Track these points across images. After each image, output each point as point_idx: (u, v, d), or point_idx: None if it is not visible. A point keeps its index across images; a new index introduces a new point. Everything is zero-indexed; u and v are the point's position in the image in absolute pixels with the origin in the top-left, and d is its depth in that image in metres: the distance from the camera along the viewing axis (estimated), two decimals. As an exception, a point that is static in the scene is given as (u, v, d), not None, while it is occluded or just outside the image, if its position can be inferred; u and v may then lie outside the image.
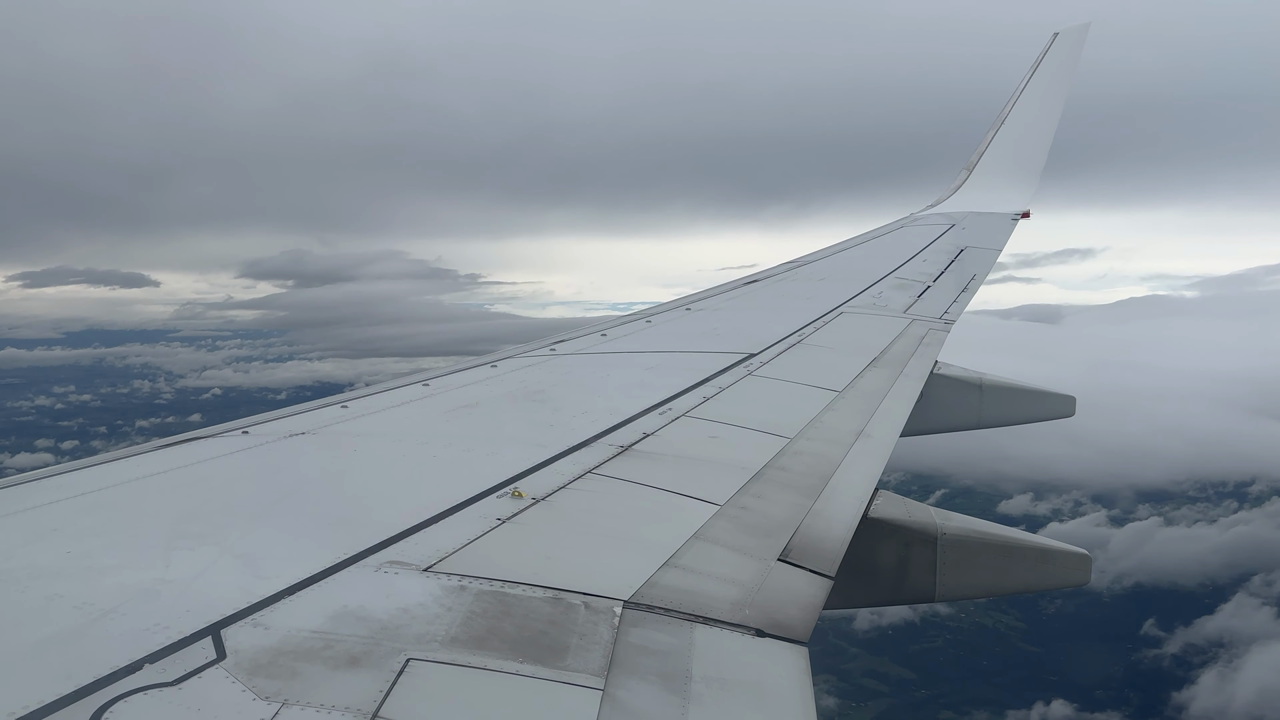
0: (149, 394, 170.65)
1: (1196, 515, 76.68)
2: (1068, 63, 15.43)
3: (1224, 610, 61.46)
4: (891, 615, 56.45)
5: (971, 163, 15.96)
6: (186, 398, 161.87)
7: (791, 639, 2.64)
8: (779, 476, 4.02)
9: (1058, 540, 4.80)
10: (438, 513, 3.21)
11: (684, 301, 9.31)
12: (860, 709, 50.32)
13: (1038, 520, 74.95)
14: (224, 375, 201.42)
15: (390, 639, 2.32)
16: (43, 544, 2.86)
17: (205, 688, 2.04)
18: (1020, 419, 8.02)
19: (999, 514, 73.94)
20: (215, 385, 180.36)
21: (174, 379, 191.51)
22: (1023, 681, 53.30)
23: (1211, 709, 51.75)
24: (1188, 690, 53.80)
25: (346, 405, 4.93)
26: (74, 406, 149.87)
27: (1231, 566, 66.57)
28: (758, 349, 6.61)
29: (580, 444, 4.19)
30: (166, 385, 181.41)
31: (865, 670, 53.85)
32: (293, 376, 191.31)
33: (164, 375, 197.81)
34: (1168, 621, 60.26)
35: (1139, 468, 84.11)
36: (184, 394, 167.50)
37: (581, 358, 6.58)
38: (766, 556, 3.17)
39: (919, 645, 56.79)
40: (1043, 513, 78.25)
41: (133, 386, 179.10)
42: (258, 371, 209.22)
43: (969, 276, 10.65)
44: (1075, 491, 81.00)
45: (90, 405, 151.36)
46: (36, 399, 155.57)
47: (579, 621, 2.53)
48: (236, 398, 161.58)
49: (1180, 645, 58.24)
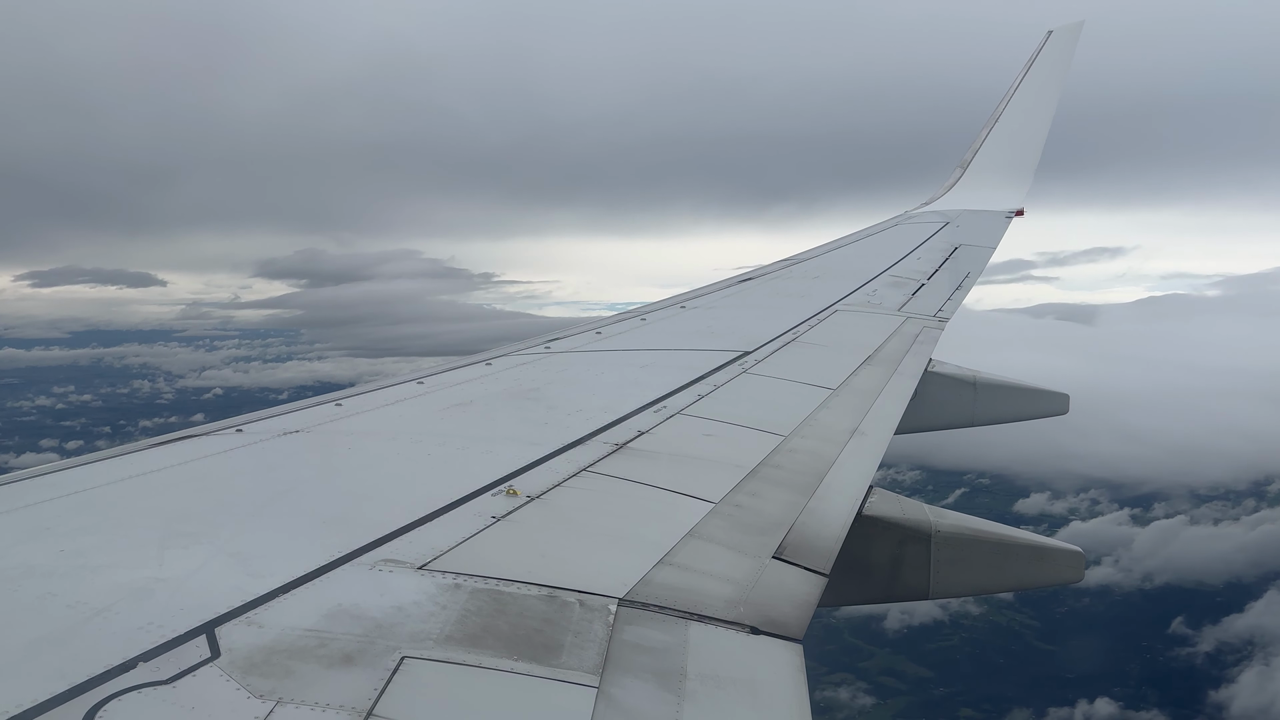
0: (149, 394, 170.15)
1: (1215, 514, 76.24)
2: (1061, 61, 15.46)
3: (1254, 608, 60.90)
4: (908, 615, 56.71)
5: (965, 161, 15.98)
6: (188, 398, 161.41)
7: (786, 636, 2.65)
8: (773, 474, 4.03)
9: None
10: (432, 511, 3.20)
11: (678, 300, 9.31)
12: (882, 706, 50.62)
13: (1062, 518, 75.35)
14: (224, 375, 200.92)
15: (385, 637, 2.31)
16: (35, 543, 2.85)
17: (199, 686, 2.04)
18: (1015, 417, 8.03)
19: (1015, 513, 74.21)
20: (216, 385, 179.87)
21: (173, 379, 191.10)
22: (1040, 680, 53.41)
23: (1253, 708, 51.48)
24: (1226, 689, 53.54)
25: (341, 403, 4.92)
26: (75, 406, 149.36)
27: (1258, 565, 66.15)
28: (752, 347, 6.62)
29: (575, 442, 4.18)
30: (166, 385, 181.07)
31: (883, 669, 54.17)
32: (293, 376, 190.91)
33: (163, 375, 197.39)
34: (1196, 620, 59.92)
35: (1200, 465, 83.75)
36: (185, 394, 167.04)
37: (576, 355, 6.58)
38: (761, 554, 3.17)
39: (935, 644, 56.92)
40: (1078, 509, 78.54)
41: (132, 386, 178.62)
42: (257, 371, 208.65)
43: (963, 274, 10.67)
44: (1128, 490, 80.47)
45: (91, 405, 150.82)
46: (37, 399, 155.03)
47: (574, 619, 2.53)
48: (239, 398, 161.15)
49: (1213, 644, 57.92)
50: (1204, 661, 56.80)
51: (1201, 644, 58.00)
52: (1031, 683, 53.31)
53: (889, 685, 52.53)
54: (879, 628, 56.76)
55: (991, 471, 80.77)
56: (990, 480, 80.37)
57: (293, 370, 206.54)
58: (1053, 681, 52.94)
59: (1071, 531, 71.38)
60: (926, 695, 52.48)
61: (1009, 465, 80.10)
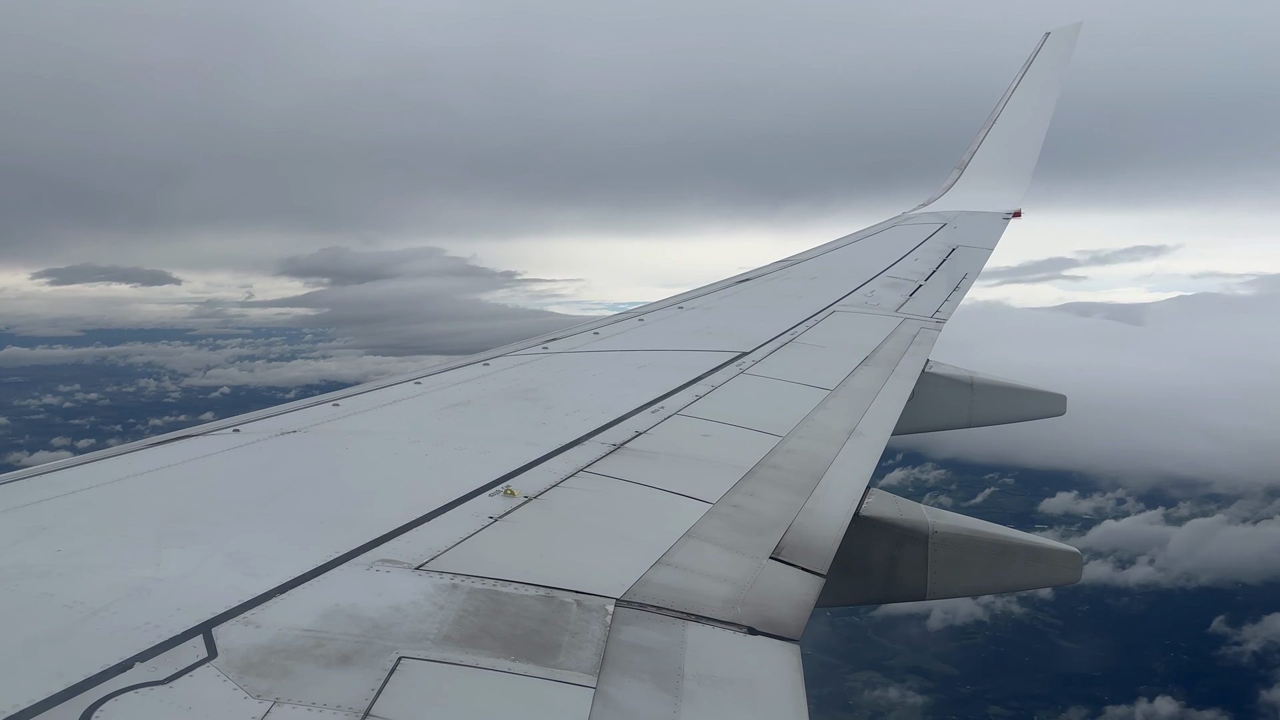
0: (156, 393, 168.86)
1: (1244, 513, 76.16)
2: (1059, 62, 15.48)
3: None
4: (949, 614, 56.76)
5: (963, 162, 15.98)
6: (195, 396, 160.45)
7: (783, 637, 2.65)
8: (771, 475, 4.03)
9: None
10: (430, 511, 3.20)
11: (676, 300, 9.31)
12: (910, 705, 50.66)
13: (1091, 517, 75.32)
14: (230, 374, 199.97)
15: (382, 637, 2.31)
16: (32, 542, 2.84)
17: (196, 686, 2.04)
18: (1012, 417, 8.05)
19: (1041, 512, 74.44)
20: (223, 384, 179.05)
21: (179, 378, 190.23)
22: (1066, 679, 53.24)
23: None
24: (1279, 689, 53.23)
25: (338, 404, 4.92)
26: (83, 405, 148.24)
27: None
28: (750, 347, 6.62)
29: (572, 442, 4.18)
30: (173, 384, 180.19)
31: (909, 667, 54.17)
32: (300, 375, 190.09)
33: (169, 374, 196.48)
34: (1236, 619, 59.52)
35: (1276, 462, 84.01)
36: (192, 393, 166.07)
37: (574, 356, 6.58)
38: (758, 555, 3.18)
39: (959, 643, 56.82)
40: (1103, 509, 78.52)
41: (138, 385, 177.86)
42: (262, 370, 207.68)
43: (960, 275, 10.69)
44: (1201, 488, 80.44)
45: (99, 404, 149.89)
46: (44, 397, 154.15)
47: (571, 620, 2.53)
48: (246, 396, 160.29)
49: (1260, 643, 57.37)
50: (1251, 660, 56.35)
51: (1248, 643, 57.49)
52: (1060, 681, 53.14)
53: (919, 684, 52.42)
54: (910, 626, 56.75)
55: (1077, 470, 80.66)
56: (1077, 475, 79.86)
57: (299, 369, 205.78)
58: (1083, 680, 52.83)
59: (1104, 531, 71.97)
60: (954, 693, 52.39)
61: (1094, 463, 79.76)
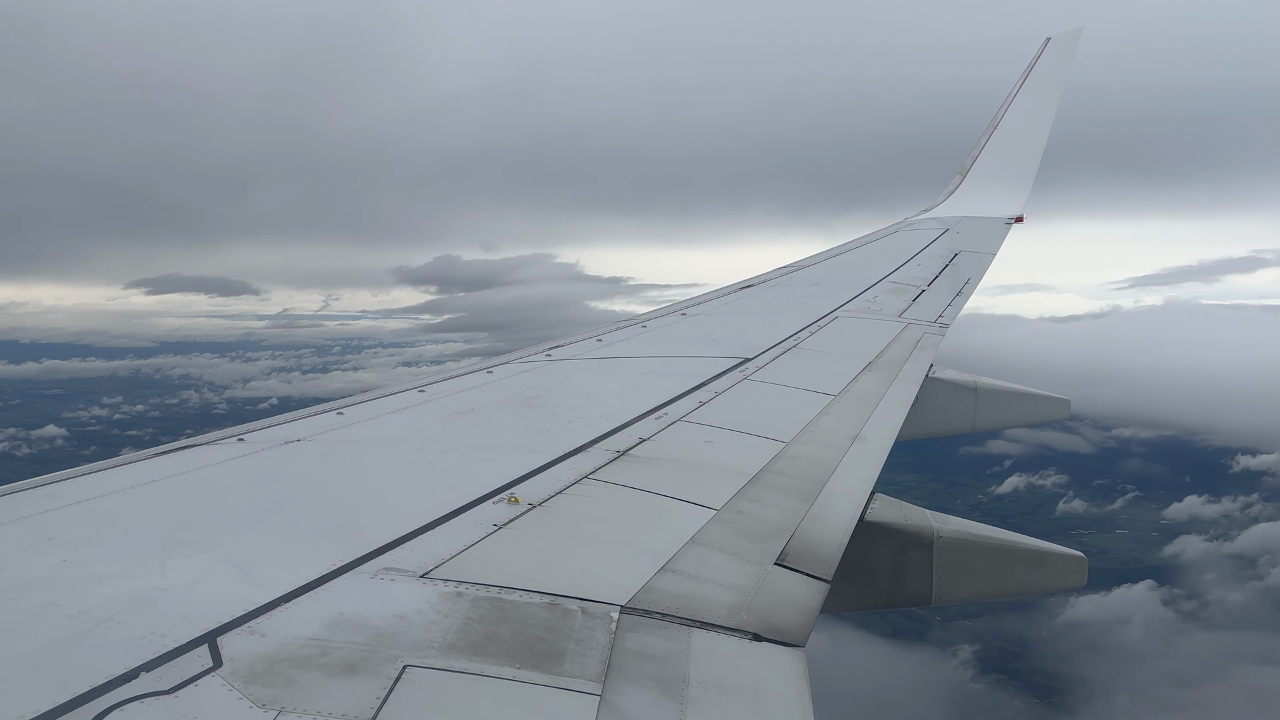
0: (200, 405, 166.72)
1: None
2: (1060, 68, 15.49)
3: None
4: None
5: (965, 167, 15.99)
6: (241, 408, 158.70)
7: (789, 643, 2.64)
8: (775, 481, 4.03)
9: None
10: (434, 519, 3.20)
11: (679, 306, 9.32)
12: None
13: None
14: (270, 385, 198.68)
15: (387, 646, 2.31)
16: (38, 553, 2.85)
17: (202, 695, 2.04)
18: (1016, 422, 8.04)
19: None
20: (271, 395, 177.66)
21: (219, 390, 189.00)
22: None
23: None
24: None
25: (342, 412, 4.93)
26: (132, 417, 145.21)
27: None
28: (753, 353, 6.62)
29: (576, 449, 4.18)
30: (215, 396, 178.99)
31: (1032, 668, 53.59)
32: (341, 387, 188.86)
33: (207, 386, 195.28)
34: None
35: None
36: (236, 404, 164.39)
37: (577, 363, 6.58)
38: (763, 561, 3.17)
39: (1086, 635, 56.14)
40: None
41: (181, 397, 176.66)
42: (300, 382, 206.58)
43: (963, 280, 10.68)
44: None
45: (149, 416, 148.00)
46: (90, 409, 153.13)
47: (576, 627, 2.53)
48: (294, 408, 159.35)
49: None
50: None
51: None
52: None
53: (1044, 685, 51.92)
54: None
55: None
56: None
57: (336, 380, 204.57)
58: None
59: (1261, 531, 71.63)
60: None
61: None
